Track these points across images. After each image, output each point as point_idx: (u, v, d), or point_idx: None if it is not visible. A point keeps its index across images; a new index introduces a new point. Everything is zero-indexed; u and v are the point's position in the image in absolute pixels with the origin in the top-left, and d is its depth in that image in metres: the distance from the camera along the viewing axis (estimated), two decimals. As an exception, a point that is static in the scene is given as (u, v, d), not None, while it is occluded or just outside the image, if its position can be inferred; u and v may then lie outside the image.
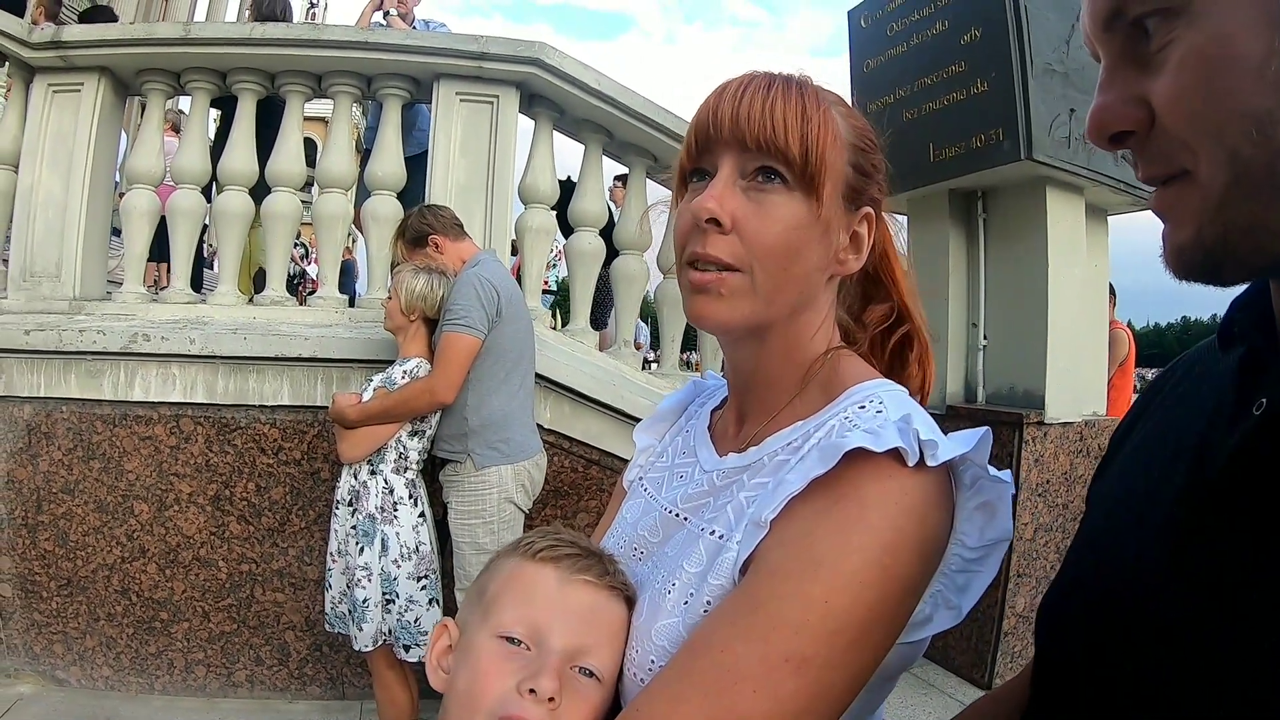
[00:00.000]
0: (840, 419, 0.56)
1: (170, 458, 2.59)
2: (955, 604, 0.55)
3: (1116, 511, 0.50)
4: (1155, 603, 0.40)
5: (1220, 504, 0.39)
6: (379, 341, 2.54)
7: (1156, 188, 0.39)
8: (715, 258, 0.57)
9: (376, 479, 2.13)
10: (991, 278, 3.02)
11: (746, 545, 0.53)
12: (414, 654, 2.10)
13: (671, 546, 0.62)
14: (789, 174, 0.56)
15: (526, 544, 0.63)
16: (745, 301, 0.57)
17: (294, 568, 2.61)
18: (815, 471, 0.51)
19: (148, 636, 2.62)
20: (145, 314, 2.75)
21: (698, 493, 0.64)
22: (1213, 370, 0.48)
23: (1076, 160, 2.85)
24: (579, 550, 0.62)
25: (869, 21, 3.30)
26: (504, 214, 2.73)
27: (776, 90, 0.57)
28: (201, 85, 2.88)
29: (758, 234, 0.56)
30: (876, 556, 0.48)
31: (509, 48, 2.65)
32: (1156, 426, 0.52)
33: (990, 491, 0.54)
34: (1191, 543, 0.39)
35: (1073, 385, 2.89)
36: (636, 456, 0.78)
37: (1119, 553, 0.46)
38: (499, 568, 0.63)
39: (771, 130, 0.56)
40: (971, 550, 0.54)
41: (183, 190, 2.83)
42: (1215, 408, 0.44)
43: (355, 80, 2.81)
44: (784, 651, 0.47)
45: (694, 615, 0.54)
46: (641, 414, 2.70)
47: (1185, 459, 0.44)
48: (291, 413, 2.59)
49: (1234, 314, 0.45)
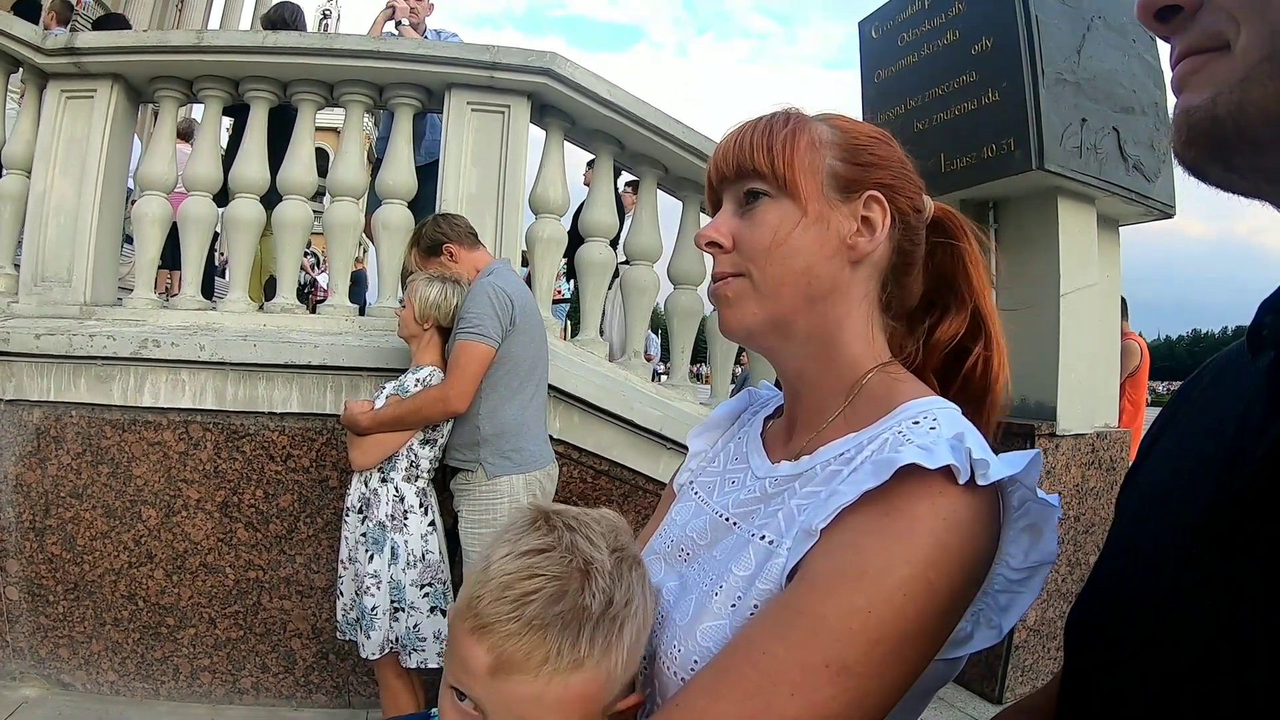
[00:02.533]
0: (894, 433, 0.57)
1: (179, 463, 2.59)
2: (996, 623, 0.56)
3: (1146, 519, 0.49)
4: (1187, 613, 0.39)
5: (1252, 511, 0.37)
6: (389, 350, 2.54)
7: (1183, 60, 0.38)
8: (720, 271, 0.66)
9: (387, 487, 2.12)
10: (1003, 288, 3.01)
11: (796, 552, 0.54)
12: (416, 659, 2.09)
13: (720, 550, 0.63)
14: (768, 186, 0.63)
15: (474, 596, 0.56)
16: (750, 302, 0.63)
17: (301, 575, 2.60)
18: (868, 484, 0.52)
19: (154, 642, 2.62)
20: (156, 320, 2.75)
21: (749, 499, 0.65)
22: (1242, 375, 0.47)
23: (1088, 170, 2.84)
24: (523, 626, 0.53)
25: (880, 32, 3.30)
26: (515, 224, 2.73)
27: (753, 126, 0.66)
28: (214, 93, 2.89)
29: (748, 240, 0.63)
30: (922, 571, 0.49)
31: (521, 58, 2.66)
32: (1185, 433, 0.51)
33: (1037, 514, 0.55)
34: (1223, 551, 0.38)
35: (1085, 397, 2.87)
36: (688, 460, 0.80)
37: (1149, 561, 0.45)
38: (461, 597, 0.58)
39: (741, 156, 0.65)
40: (1016, 571, 0.55)
41: (194, 197, 2.84)
42: (1245, 413, 0.43)
43: (367, 89, 2.82)
44: (824, 657, 0.48)
45: (740, 618, 0.55)
46: (652, 425, 2.70)
47: (1215, 466, 0.43)
48: (300, 420, 2.59)
49: (1263, 318, 0.43)
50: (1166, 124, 3.19)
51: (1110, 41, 3.06)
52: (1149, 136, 3.09)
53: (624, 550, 0.60)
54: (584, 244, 2.91)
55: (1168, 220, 3.27)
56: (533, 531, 0.59)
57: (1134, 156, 3.01)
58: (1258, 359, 0.44)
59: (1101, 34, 3.04)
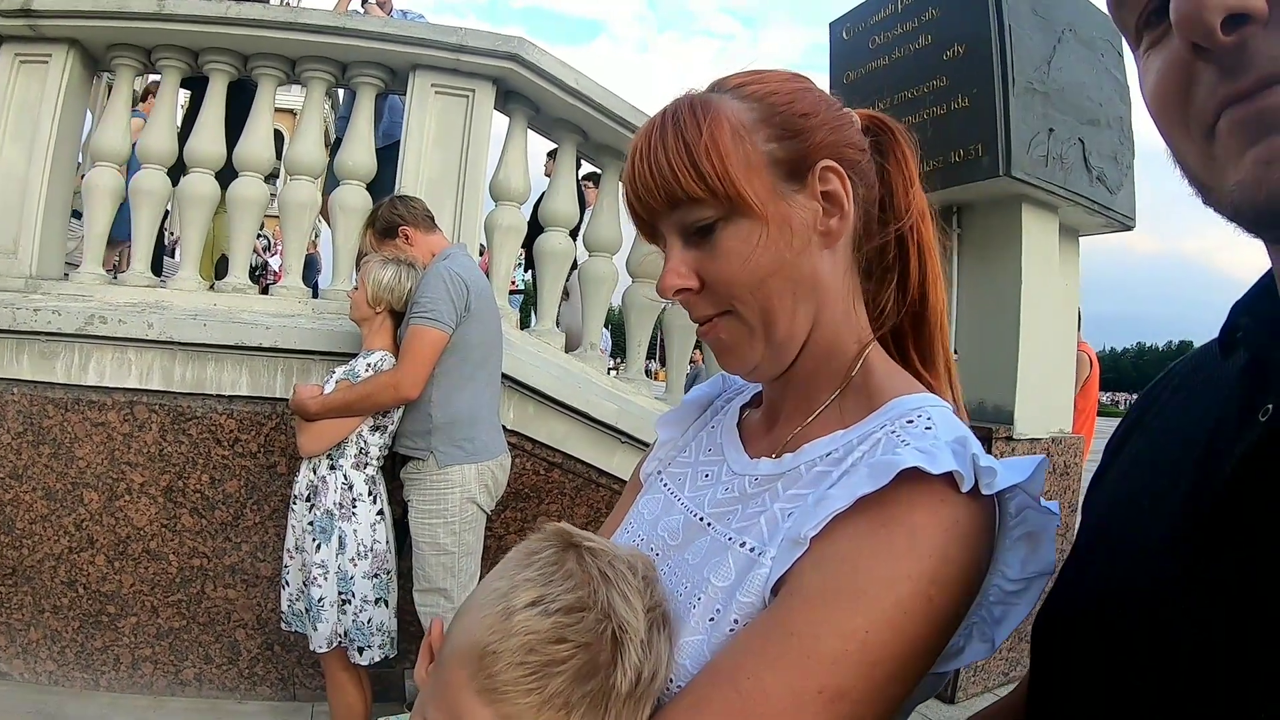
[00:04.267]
0: (886, 433, 0.52)
1: (123, 445, 2.51)
2: (989, 636, 0.52)
3: (1117, 523, 0.48)
4: (1161, 615, 0.38)
5: (1227, 513, 0.37)
6: (342, 334, 2.48)
7: (1273, 86, 0.31)
8: (701, 315, 0.59)
9: (336, 474, 2.07)
10: (964, 292, 3.04)
11: (782, 562, 0.49)
12: (366, 656, 2.05)
13: (693, 554, 0.58)
14: (712, 210, 0.55)
15: (486, 649, 0.48)
16: (749, 341, 0.57)
17: (246, 564, 2.54)
18: (864, 489, 0.47)
19: (94, 630, 2.54)
20: (103, 296, 2.67)
21: (726, 498, 0.60)
22: (1214, 377, 0.46)
23: (1053, 179, 2.88)
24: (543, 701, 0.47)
25: (851, 34, 3.31)
26: (474, 210, 2.69)
27: (660, 141, 0.56)
28: (173, 64, 2.80)
29: (717, 275, 0.56)
30: (924, 587, 0.45)
31: (488, 41, 2.61)
32: (1156, 435, 0.50)
33: (1035, 521, 0.51)
34: (1198, 553, 0.38)
35: (1042, 402, 2.91)
36: (656, 449, 0.74)
37: (1123, 563, 0.44)
38: (467, 640, 0.50)
39: (667, 185, 0.55)
40: (1012, 582, 0.51)
41: (148, 170, 2.75)
42: (1219, 415, 0.43)
43: (330, 67, 2.76)
44: (818, 684, 0.44)
45: (720, 634, 0.51)
46: (607, 418, 2.67)
47: (1189, 468, 0.42)
48: (249, 404, 2.52)
49: (1237, 319, 0.43)
50: (1130, 138, 3.26)
51: (1080, 55, 3.10)
52: (1113, 150, 3.14)
53: (657, 609, 0.53)
54: (543, 233, 2.88)
55: (1121, 234, 3.33)
56: (561, 575, 0.51)
57: (1098, 168, 3.06)
58: (1229, 360, 0.44)
59: (1072, 47, 3.08)
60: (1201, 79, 0.34)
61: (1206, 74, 0.33)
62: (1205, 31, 0.31)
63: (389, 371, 2.06)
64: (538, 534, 0.55)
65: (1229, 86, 0.32)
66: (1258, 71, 0.31)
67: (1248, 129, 0.32)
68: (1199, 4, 0.31)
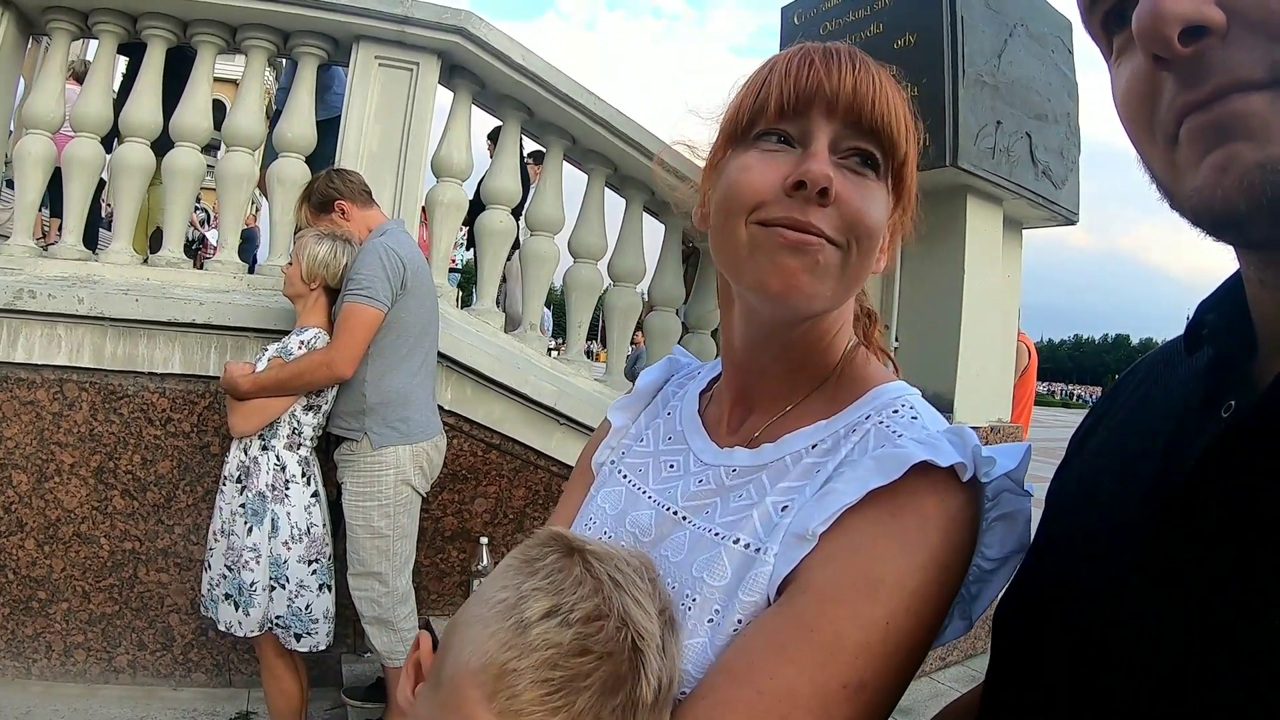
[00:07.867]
0: (875, 424, 0.53)
1: (52, 425, 2.43)
2: (968, 614, 0.54)
3: (1079, 513, 0.49)
4: (1121, 604, 0.39)
5: (1188, 507, 0.38)
6: (278, 310, 2.42)
7: (1228, 95, 0.32)
8: (819, 229, 0.51)
9: (268, 455, 2.03)
10: (907, 282, 3.08)
11: (787, 559, 0.49)
12: (305, 643, 2.02)
13: (672, 550, 0.56)
14: (883, 164, 0.53)
15: (505, 665, 0.44)
16: (831, 282, 0.52)
17: (179, 547, 2.48)
18: (875, 482, 0.48)
19: (24, 617, 2.46)
20: (33, 269, 2.56)
21: (701, 490, 0.58)
22: (1179, 373, 0.48)
23: (999, 171, 2.93)
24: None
25: (802, 19, 3.32)
26: (415, 185, 2.64)
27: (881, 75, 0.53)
28: (110, 28, 2.69)
29: (860, 213, 0.51)
30: (936, 574, 0.47)
31: (434, 14, 2.55)
32: (1120, 429, 0.51)
33: (1010, 503, 0.52)
34: (1159, 544, 0.39)
35: (981, 391, 2.97)
36: (609, 438, 0.71)
37: (1087, 555, 0.45)
38: (479, 652, 0.45)
39: (872, 110, 0.52)
40: (990, 561, 0.53)
41: (81, 138, 2.64)
42: (1183, 410, 0.44)
43: (272, 35, 2.67)
44: (842, 678, 0.44)
45: (723, 635, 0.49)
46: (546, 400, 2.66)
47: (1152, 462, 0.43)
48: (182, 382, 2.45)
49: (1203, 316, 0.44)
50: (1077, 134, 3.32)
51: (1030, 50, 3.15)
52: (1060, 145, 3.20)
53: (665, 612, 0.50)
54: (485, 211, 2.84)
55: (1060, 228, 3.41)
56: (572, 582, 0.47)
57: (1044, 162, 3.11)
58: (1194, 356, 0.45)
59: (1023, 41, 3.13)
60: (1164, 89, 0.35)
61: (1168, 84, 0.35)
62: (1164, 43, 0.33)
63: (323, 350, 2.02)
64: (531, 540, 0.51)
65: (1188, 95, 0.34)
66: (1215, 81, 0.33)
67: (1205, 136, 0.33)
68: (1158, 17, 0.32)
